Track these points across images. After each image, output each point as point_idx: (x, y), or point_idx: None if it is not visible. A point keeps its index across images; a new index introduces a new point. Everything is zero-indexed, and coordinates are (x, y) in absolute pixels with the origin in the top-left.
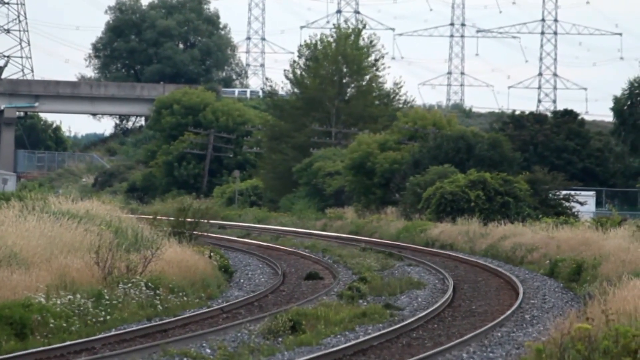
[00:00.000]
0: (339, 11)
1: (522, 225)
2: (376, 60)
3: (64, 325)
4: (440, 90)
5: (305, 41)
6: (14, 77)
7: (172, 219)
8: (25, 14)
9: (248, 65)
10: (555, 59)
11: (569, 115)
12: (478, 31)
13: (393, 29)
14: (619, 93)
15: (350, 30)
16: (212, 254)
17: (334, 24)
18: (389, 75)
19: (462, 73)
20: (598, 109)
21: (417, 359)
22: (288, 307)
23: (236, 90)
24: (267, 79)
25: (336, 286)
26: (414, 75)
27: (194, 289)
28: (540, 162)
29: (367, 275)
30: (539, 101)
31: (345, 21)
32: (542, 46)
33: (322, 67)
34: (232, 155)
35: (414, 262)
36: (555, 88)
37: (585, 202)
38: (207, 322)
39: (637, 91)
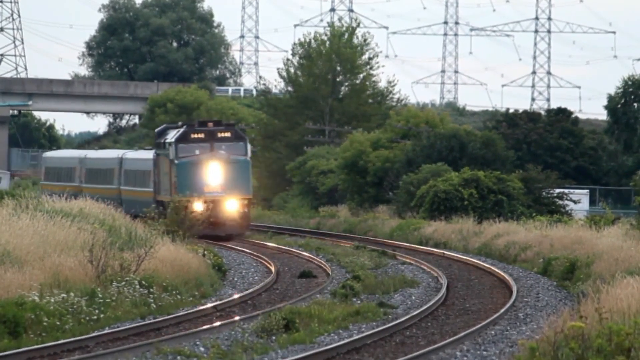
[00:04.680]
0: (332, 9)
1: (515, 223)
2: (370, 58)
3: (58, 323)
4: (433, 88)
5: (299, 39)
6: (8, 75)
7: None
8: (18, 12)
9: (242, 63)
10: (548, 58)
11: (562, 113)
12: (472, 29)
13: (387, 28)
14: (612, 91)
15: (344, 28)
16: (205, 252)
17: (327, 23)
18: (383, 74)
19: (456, 71)
20: (592, 108)
21: (411, 358)
22: (281, 305)
23: (230, 89)
24: (260, 77)
25: (330, 284)
26: (408, 74)
27: (188, 287)
28: (534, 161)
29: (361, 273)
30: (533, 99)
31: (339, 19)
32: (535, 44)
33: (315, 65)
34: None
35: (408, 260)
36: (548, 86)
37: (578, 200)
38: (200, 320)
39: (630, 89)
